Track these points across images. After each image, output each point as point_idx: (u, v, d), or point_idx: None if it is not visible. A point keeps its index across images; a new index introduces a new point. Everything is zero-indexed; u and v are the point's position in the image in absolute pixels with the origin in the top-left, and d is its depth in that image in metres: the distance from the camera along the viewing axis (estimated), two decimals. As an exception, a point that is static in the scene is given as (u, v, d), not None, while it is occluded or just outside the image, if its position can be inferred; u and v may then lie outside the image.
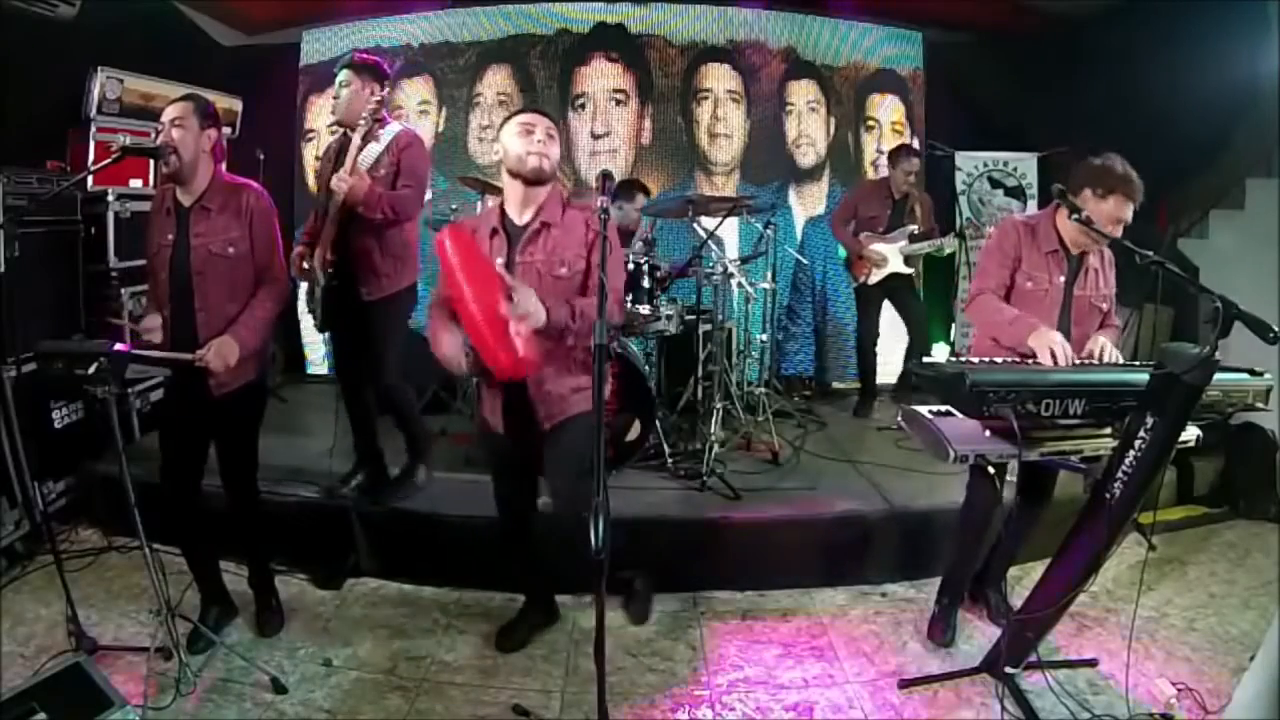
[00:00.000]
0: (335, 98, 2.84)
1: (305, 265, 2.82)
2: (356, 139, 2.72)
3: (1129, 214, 2.22)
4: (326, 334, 3.11)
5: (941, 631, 2.55)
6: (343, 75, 2.83)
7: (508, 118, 2.26)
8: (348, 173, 2.63)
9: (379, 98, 2.77)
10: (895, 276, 4.22)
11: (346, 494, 3.01)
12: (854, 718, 2.21)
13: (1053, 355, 2.10)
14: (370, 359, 2.94)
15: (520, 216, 2.22)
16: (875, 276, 4.23)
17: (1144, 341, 4.15)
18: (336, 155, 2.86)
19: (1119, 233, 2.23)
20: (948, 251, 4.32)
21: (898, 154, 4.23)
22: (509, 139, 2.19)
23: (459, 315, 2.08)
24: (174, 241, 2.24)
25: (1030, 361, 2.14)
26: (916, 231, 4.17)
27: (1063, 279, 2.35)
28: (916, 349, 4.20)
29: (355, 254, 2.79)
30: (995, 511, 2.42)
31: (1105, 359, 2.23)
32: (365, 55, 2.93)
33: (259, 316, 2.29)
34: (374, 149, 2.75)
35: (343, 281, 2.81)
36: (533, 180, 2.17)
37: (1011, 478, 2.43)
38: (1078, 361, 2.17)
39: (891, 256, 4.19)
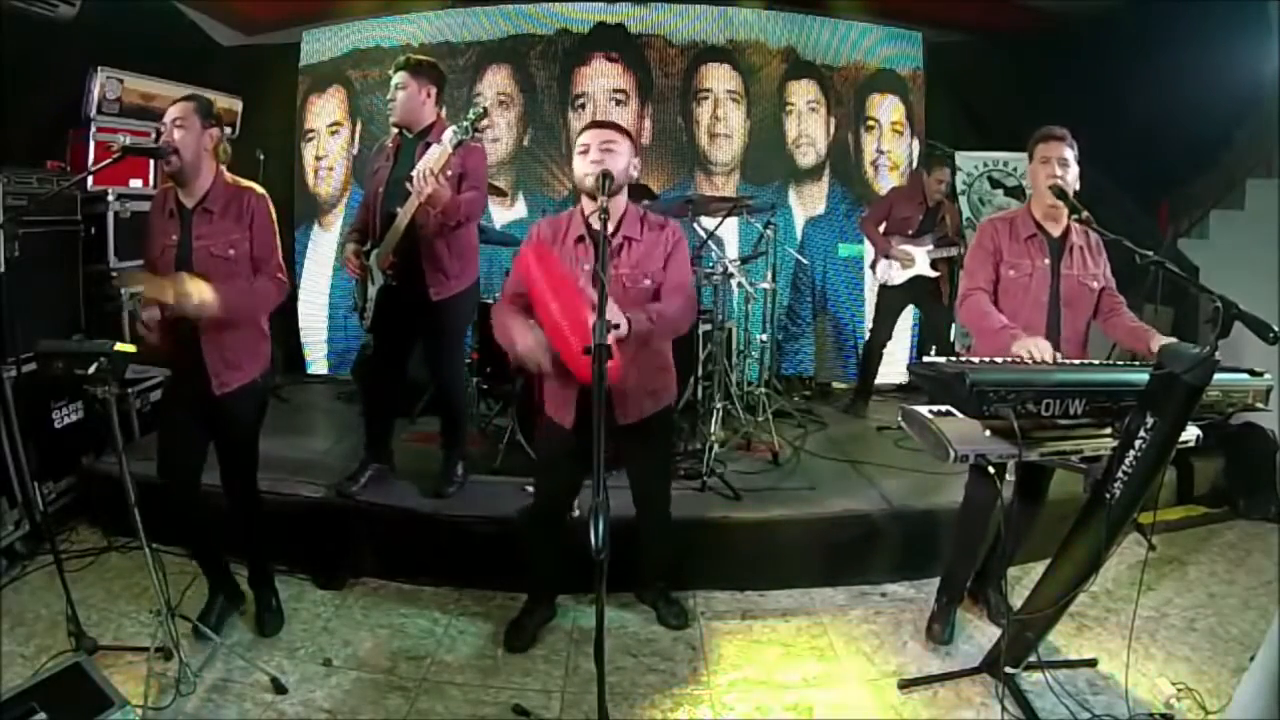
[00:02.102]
0: (391, 100, 2.85)
1: (361, 261, 2.88)
2: (444, 142, 2.65)
3: (1063, 151, 2.31)
4: (366, 333, 3.14)
5: (940, 630, 2.56)
6: (398, 78, 2.83)
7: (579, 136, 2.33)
8: (429, 176, 2.59)
9: (435, 99, 2.86)
10: (920, 280, 4.25)
11: (355, 492, 3.01)
12: (854, 718, 2.21)
13: (1035, 356, 2.10)
14: (435, 358, 3.01)
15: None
16: (900, 278, 4.26)
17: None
18: (395, 155, 2.87)
19: (1055, 171, 2.29)
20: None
21: (933, 162, 4.33)
22: (575, 163, 2.28)
23: (540, 322, 2.13)
24: (178, 243, 2.24)
25: (1030, 361, 2.14)
26: (944, 237, 4.22)
27: (1046, 261, 2.37)
28: (930, 352, 4.20)
29: (422, 255, 2.81)
30: (994, 510, 2.42)
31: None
32: (420, 56, 2.94)
33: (243, 287, 2.23)
34: (436, 151, 2.72)
35: (401, 282, 2.84)
36: (591, 195, 2.24)
37: (1011, 477, 2.43)
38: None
39: (919, 258, 4.21)
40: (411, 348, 3.07)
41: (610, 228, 2.26)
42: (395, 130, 2.92)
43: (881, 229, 4.33)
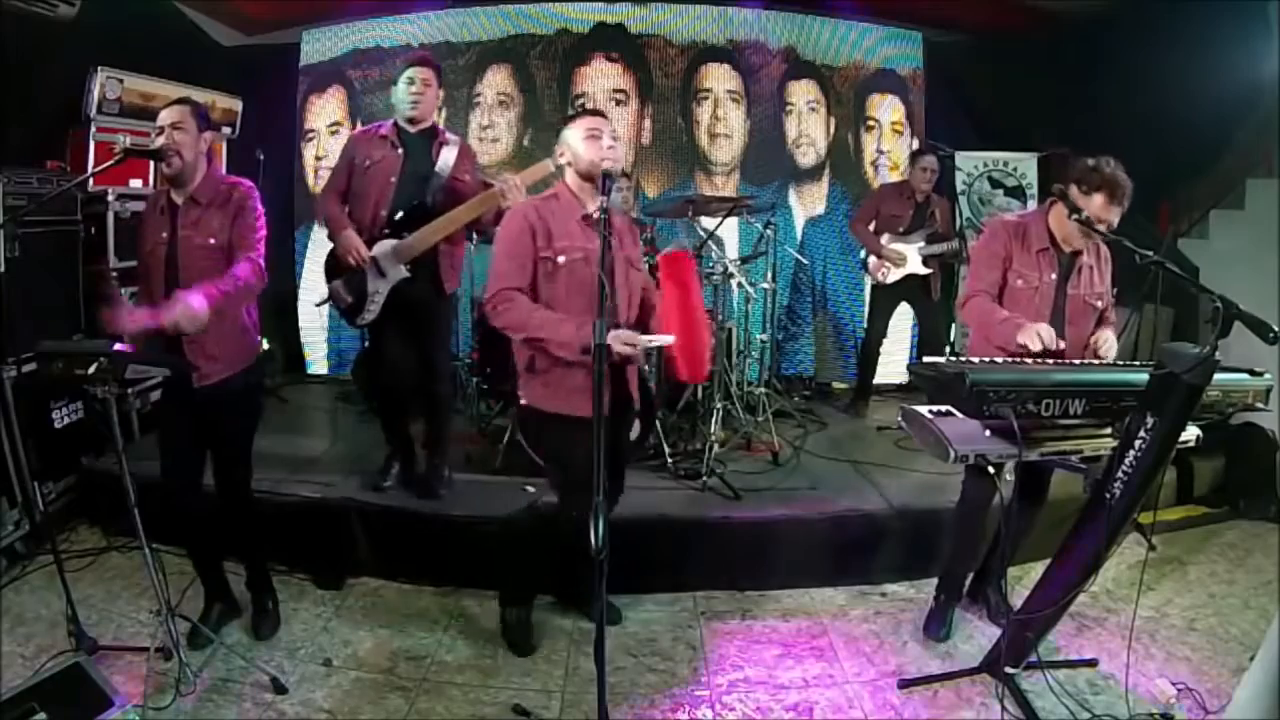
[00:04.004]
0: (418, 96, 2.85)
1: (364, 253, 2.81)
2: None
3: (1113, 216, 2.21)
4: (361, 330, 3.10)
5: (937, 627, 2.57)
6: (423, 73, 2.86)
7: (569, 119, 2.32)
8: (521, 186, 2.70)
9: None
10: (913, 277, 4.25)
11: (387, 487, 3.05)
12: (854, 718, 2.21)
13: (1040, 339, 2.11)
14: (434, 353, 3.01)
15: (595, 208, 2.24)
16: (893, 276, 4.26)
17: (1144, 341, 4.15)
18: (404, 147, 2.87)
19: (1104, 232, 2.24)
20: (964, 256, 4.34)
21: (917, 153, 4.32)
22: (577, 144, 2.25)
23: (683, 321, 2.21)
24: (167, 239, 2.26)
25: (1030, 361, 2.14)
26: (935, 233, 4.21)
27: (1054, 277, 2.36)
28: (927, 350, 4.21)
29: (440, 251, 2.87)
30: (991, 508, 2.43)
31: (1102, 351, 2.26)
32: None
33: (225, 282, 2.18)
34: (449, 153, 2.82)
35: (416, 276, 2.86)
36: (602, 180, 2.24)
37: (1010, 476, 2.43)
38: (1076, 360, 2.17)
39: (910, 256, 4.21)
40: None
41: (596, 209, 2.25)
42: (390, 122, 2.92)
43: (871, 227, 4.33)
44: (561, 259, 2.20)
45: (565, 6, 4.88)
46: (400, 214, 2.83)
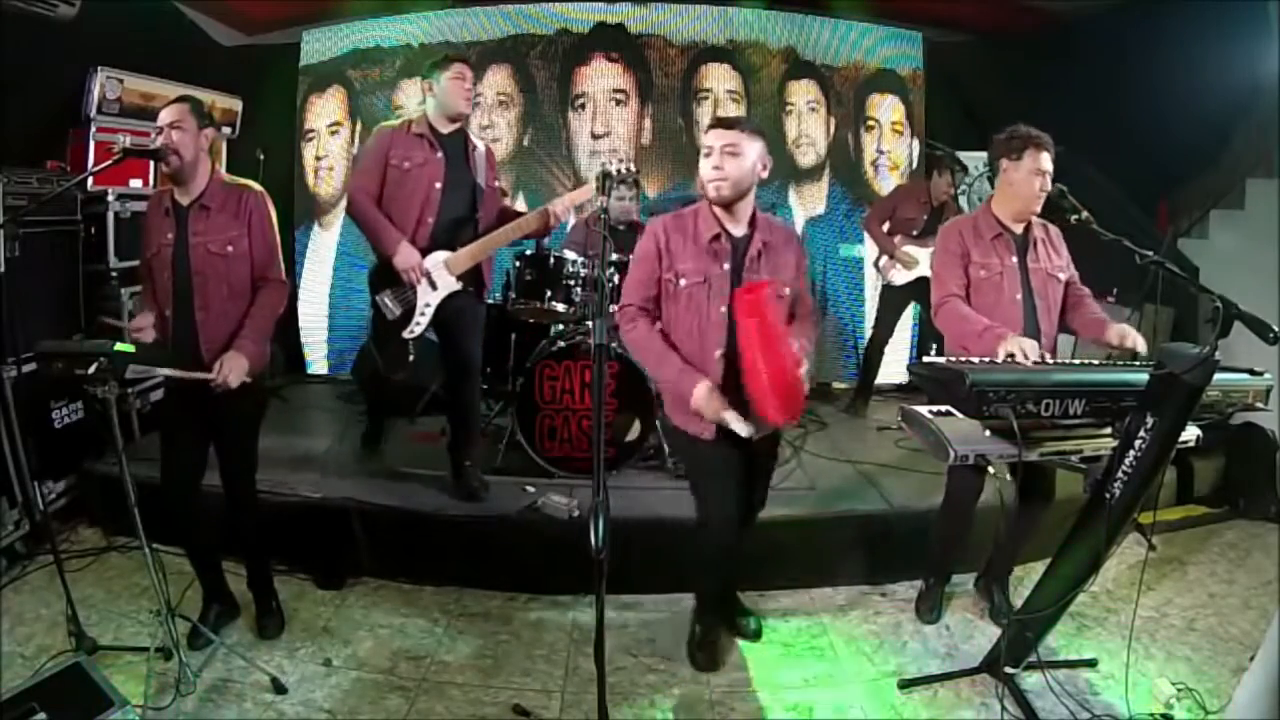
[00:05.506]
0: (470, 90, 2.81)
1: (423, 271, 2.77)
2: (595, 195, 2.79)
3: (1046, 163, 2.31)
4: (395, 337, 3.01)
5: (929, 609, 2.62)
6: (468, 70, 2.80)
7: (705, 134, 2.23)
8: (570, 209, 2.88)
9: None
10: (925, 280, 4.23)
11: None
12: (854, 718, 2.21)
13: (1024, 353, 2.11)
14: (466, 359, 2.96)
15: (736, 228, 2.21)
16: (904, 278, 4.26)
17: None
18: (445, 150, 2.80)
19: (1047, 185, 2.30)
20: None
21: (940, 165, 4.32)
22: (700, 165, 2.18)
23: (745, 366, 2.04)
24: (174, 241, 2.24)
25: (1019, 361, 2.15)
26: None
27: (1014, 259, 2.39)
28: (927, 350, 4.22)
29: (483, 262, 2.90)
30: (976, 502, 2.45)
31: (1138, 345, 2.24)
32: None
33: (261, 326, 2.29)
34: (480, 158, 2.82)
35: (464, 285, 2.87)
36: (715, 204, 2.18)
37: (1007, 476, 2.44)
38: (1081, 360, 2.17)
39: (923, 259, 4.22)
40: None
41: (743, 229, 2.21)
42: (419, 119, 2.82)
43: (885, 228, 4.34)
44: (682, 282, 2.16)
45: (565, 6, 4.88)
46: (450, 224, 2.78)
